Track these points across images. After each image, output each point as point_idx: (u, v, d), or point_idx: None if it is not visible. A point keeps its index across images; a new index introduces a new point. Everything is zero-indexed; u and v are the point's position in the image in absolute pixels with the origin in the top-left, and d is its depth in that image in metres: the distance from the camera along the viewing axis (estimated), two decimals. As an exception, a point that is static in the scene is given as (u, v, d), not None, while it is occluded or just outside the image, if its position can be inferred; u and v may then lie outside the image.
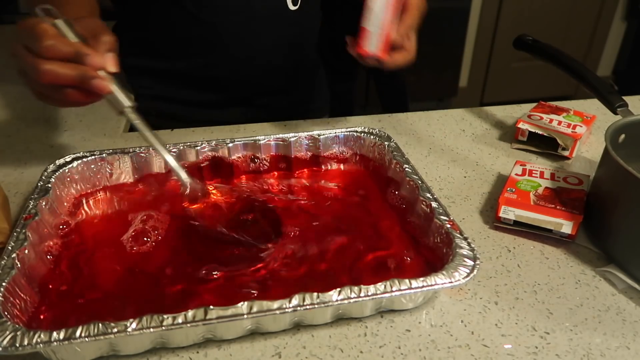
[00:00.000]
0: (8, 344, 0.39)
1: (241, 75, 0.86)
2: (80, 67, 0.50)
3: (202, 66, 0.84)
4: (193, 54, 0.83)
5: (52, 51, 0.49)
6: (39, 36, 0.49)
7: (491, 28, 2.77)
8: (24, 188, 0.66)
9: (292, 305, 0.43)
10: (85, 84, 0.50)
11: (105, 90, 0.51)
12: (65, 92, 0.51)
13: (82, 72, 0.50)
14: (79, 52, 0.50)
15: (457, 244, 0.49)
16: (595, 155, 0.75)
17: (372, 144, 0.68)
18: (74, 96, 0.51)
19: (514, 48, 0.80)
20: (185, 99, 0.88)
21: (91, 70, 0.50)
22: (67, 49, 0.50)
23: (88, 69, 0.50)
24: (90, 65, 0.50)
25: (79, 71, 0.50)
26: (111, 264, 0.52)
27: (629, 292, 0.52)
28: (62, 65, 0.49)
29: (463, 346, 0.46)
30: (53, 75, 0.49)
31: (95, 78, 0.50)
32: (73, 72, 0.50)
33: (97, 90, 0.50)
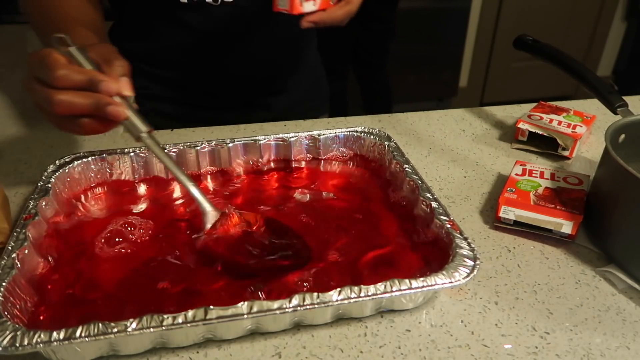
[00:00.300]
0: (8, 344, 0.39)
1: (240, 80, 0.86)
2: (94, 95, 0.49)
3: (201, 73, 0.84)
4: (192, 62, 0.83)
5: (65, 81, 0.48)
6: (50, 66, 0.48)
7: (491, 28, 2.77)
8: (24, 188, 0.66)
9: (292, 305, 0.43)
10: (100, 112, 0.49)
11: (121, 117, 0.50)
12: (80, 122, 0.50)
13: (96, 99, 0.48)
14: (92, 80, 0.49)
15: (457, 244, 0.49)
16: (595, 155, 0.75)
17: (372, 144, 0.68)
18: (90, 125, 0.50)
19: (514, 48, 0.80)
20: (184, 101, 0.88)
21: (106, 97, 0.49)
22: (80, 78, 0.49)
23: (102, 96, 0.49)
24: (105, 92, 0.49)
25: (93, 99, 0.48)
26: (111, 264, 0.52)
27: (629, 292, 0.52)
28: (76, 94, 0.48)
29: (463, 346, 0.46)
30: (67, 105, 0.48)
31: (111, 105, 0.49)
32: (87, 101, 0.48)
33: (113, 117, 0.49)
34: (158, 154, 0.53)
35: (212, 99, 0.88)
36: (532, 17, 2.75)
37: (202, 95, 0.87)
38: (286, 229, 0.57)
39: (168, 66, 0.85)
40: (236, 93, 0.87)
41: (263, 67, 0.86)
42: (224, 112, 0.89)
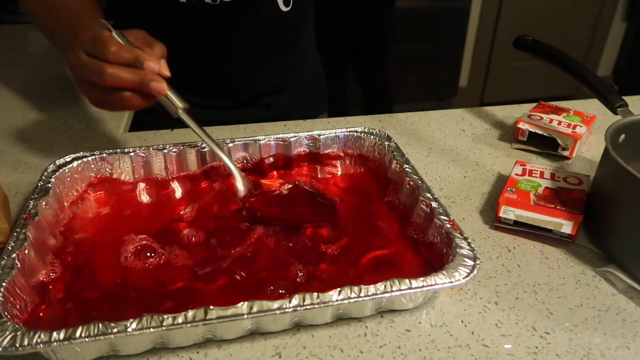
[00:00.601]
0: (8, 344, 0.39)
1: (240, 79, 0.86)
2: (139, 71, 0.54)
3: (201, 73, 0.84)
4: (191, 62, 0.83)
5: (116, 56, 0.53)
6: (104, 43, 0.53)
7: (491, 28, 2.77)
8: (24, 188, 0.66)
9: (292, 305, 0.43)
10: (144, 87, 0.54)
11: (163, 92, 0.55)
12: (124, 96, 0.54)
13: (141, 75, 0.54)
14: (138, 58, 0.54)
15: (457, 244, 0.49)
16: (595, 155, 0.75)
17: (372, 144, 0.68)
18: (132, 99, 0.55)
19: (514, 48, 0.80)
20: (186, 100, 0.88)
21: (149, 74, 0.54)
22: (128, 55, 0.54)
23: (146, 72, 0.54)
24: (149, 70, 0.54)
25: (139, 75, 0.53)
26: (111, 263, 0.52)
27: (629, 292, 0.52)
28: (125, 69, 0.53)
29: (463, 346, 0.46)
30: (117, 78, 0.53)
31: (154, 81, 0.54)
32: (134, 76, 0.53)
33: (155, 93, 0.54)
34: (195, 129, 0.59)
35: (212, 99, 0.88)
36: (532, 17, 2.75)
37: (201, 95, 0.87)
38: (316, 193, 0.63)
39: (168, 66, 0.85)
40: (236, 93, 0.87)
41: (262, 66, 0.86)
42: (224, 111, 0.89)
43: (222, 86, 0.86)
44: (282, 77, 0.90)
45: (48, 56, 1.09)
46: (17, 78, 0.96)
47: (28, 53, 1.14)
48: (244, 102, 0.89)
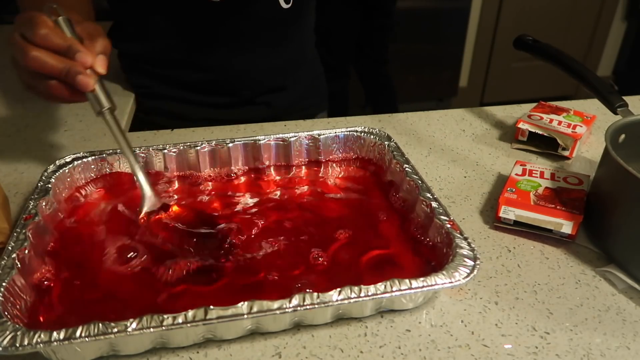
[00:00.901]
0: (8, 344, 0.39)
1: (241, 77, 0.86)
2: (68, 61, 0.51)
3: (200, 71, 0.84)
4: (190, 60, 0.83)
5: (44, 40, 0.50)
6: (35, 25, 0.50)
7: (491, 28, 2.77)
8: (24, 188, 0.66)
9: (292, 305, 0.43)
10: (69, 79, 0.51)
11: (88, 88, 0.52)
12: (49, 84, 0.52)
13: (68, 65, 0.50)
14: (71, 47, 0.51)
15: (457, 244, 0.49)
16: (596, 155, 0.75)
17: (372, 143, 0.68)
18: (57, 89, 0.52)
19: (514, 48, 0.80)
20: (186, 99, 0.88)
21: (78, 66, 0.51)
22: (59, 42, 0.51)
23: (75, 63, 0.51)
24: (80, 62, 0.51)
25: (65, 64, 0.50)
26: (111, 263, 0.52)
27: (629, 292, 0.52)
28: (51, 55, 0.50)
29: (463, 346, 0.46)
30: (40, 62, 0.50)
31: (80, 74, 0.51)
32: (60, 64, 0.50)
33: (80, 87, 0.51)
34: (114, 131, 0.54)
35: (213, 97, 0.88)
36: (532, 17, 2.75)
37: (202, 94, 0.87)
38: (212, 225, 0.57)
39: (169, 65, 0.85)
40: (237, 91, 0.88)
41: (263, 64, 0.86)
42: (225, 110, 0.89)
43: (223, 84, 0.86)
44: (282, 75, 0.90)
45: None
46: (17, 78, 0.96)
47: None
48: (245, 101, 0.89)
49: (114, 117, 0.54)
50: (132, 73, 0.90)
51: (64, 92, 0.53)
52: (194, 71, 0.84)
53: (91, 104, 0.53)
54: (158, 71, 0.86)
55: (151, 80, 0.87)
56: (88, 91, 0.52)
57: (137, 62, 0.88)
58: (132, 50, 0.87)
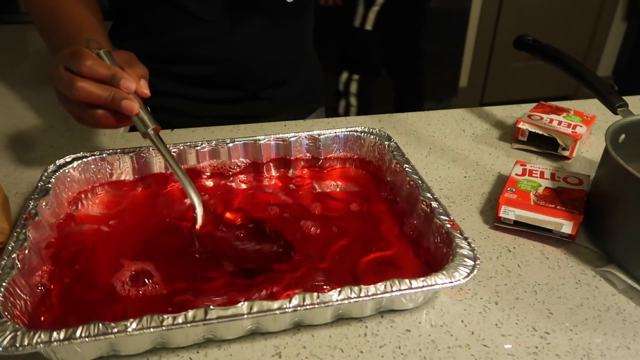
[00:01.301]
0: (8, 344, 0.39)
1: (244, 71, 0.86)
2: (112, 88, 0.53)
3: (205, 66, 0.85)
4: (195, 55, 0.84)
5: (90, 70, 0.53)
6: (80, 57, 0.53)
7: (491, 28, 2.77)
8: (24, 188, 0.66)
9: (292, 305, 0.43)
10: (115, 104, 0.53)
11: (133, 112, 0.54)
12: (95, 113, 0.54)
13: (113, 93, 0.53)
14: (115, 75, 0.53)
15: (457, 244, 0.49)
16: (596, 155, 0.75)
17: (372, 143, 0.68)
18: (104, 118, 0.55)
19: (514, 48, 0.80)
20: (190, 95, 0.88)
21: (122, 92, 0.53)
22: (104, 71, 0.53)
23: (119, 90, 0.53)
24: (124, 88, 0.54)
25: (110, 91, 0.53)
26: (111, 263, 0.52)
27: (629, 292, 0.52)
28: (97, 85, 0.53)
29: (463, 346, 0.46)
30: (86, 92, 0.52)
31: (125, 99, 0.53)
32: (105, 93, 0.53)
33: (126, 111, 0.53)
34: (162, 150, 0.56)
35: (218, 92, 0.88)
36: (532, 17, 2.75)
37: (207, 89, 0.88)
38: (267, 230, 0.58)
39: (173, 61, 0.85)
40: (242, 85, 0.88)
41: (267, 58, 0.87)
42: (229, 105, 0.90)
43: (228, 78, 0.87)
44: (285, 69, 0.91)
45: (48, 56, 1.08)
46: (17, 78, 0.96)
47: (28, 53, 1.14)
48: (249, 95, 0.89)
49: (159, 137, 0.56)
50: None
51: (111, 120, 0.55)
52: (198, 66, 0.85)
53: (137, 126, 0.56)
54: (162, 68, 0.86)
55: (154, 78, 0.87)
56: (133, 115, 0.54)
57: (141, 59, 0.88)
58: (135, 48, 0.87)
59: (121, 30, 0.88)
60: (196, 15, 0.79)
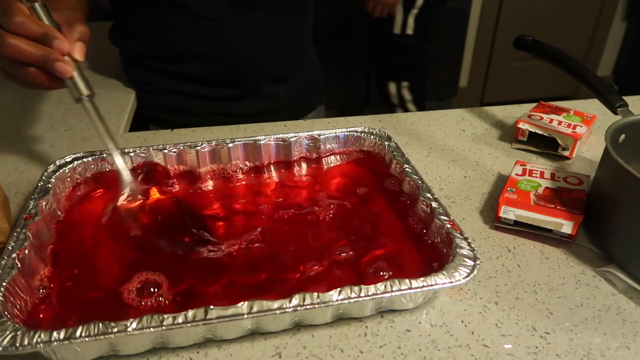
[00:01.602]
0: (8, 344, 0.39)
1: (245, 69, 0.86)
2: (45, 48, 0.50)
3: (206, 64, 0.85)
4: (197, 53, 0.84)
5: (21, 28, 0.50)
6: (10, 13, 0.50)
7: (491, 28, 2.77)
8: (24, 188, 0.66)
9: (292, 305, 0.43)
10: (47, 66, 0.51)
11: (66, 74, 0.52)
12: (27, 71, 0.52)
13: (46, 52, 0.50)
14: (47, 34, 0.51)
15: (457, 244, 0.49)
16: (596, 155, 0.75)
17: (372, 143, 0.68)
18: (36, 76, 0.52)
19: (514, 48, 0.80)
20: (191, 93, 0.89)
21: (56, 53, 0.51)
22: (36, 29, 0.50)
23: (53, 51, 0.50)
24: (57, 49, 0.51)
25: (43, 51, 0.50)
26: (111, 263, 0.52)
27: (629, 292, 0.52)
28: (28, 42, 0.50)
29: (463, 346, 0.46)
30: (17, 50, 0.50)
31: (59, 61, 0.51)
32: (37, 52, 0.50)
33: (59, 73, 0.51)
34: (93, 118, 0.55)
35: (219, 90, 0.88)
36: (532, 17, 2.75)
37: (208, 87, 0.88)
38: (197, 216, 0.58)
39: (175, 59, 0.85)
40: (242, 82, 0.88)
41: (267, 55, 0.87)
42: (230, 102, 0.90)
43: (229, 75, 0.87)
44: (284, 66, 0.91)
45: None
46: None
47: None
48: (250, 93, 0.90)
49: (93, 104, 0.54)
50: (135, 70, 0.90)
51: (43, 79, 0.53)
52: (198, 64, 0.85)
53: (70, 91, 0.53)
54: (163, 66, 0.86)
55: (155, 76, 0.88)
56: (67, 78, 0.52)
57: (140, 58, 0.88)
58: (136, 47, 0.87)
59: (122, 30, 0.88)
60: (196, 13, 0.79)
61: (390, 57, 1.94)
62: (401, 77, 1.95)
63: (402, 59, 1.93)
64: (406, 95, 1.96)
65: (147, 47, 0.86)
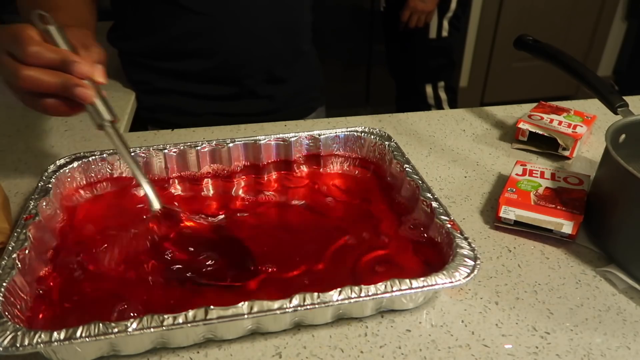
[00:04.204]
0: (9, 344, 0.39)
1: (240, 65, 0.86)
2: (63, 74, 0.48)
3: (200, 59, 0.85)
4: (192, 49, 0.84)
5: (36, 58, 0.47)
6: (23, 42, 0.47)
7: (491, 28, 2.77)
8: (25, 188, 0.66)
9: (292, 305, 0.43)
10: (68, 92, 0.48)
11: (87, 100, 0.49)
12: (45, 102, 0.49)
13: (65, 79, 0.48)
14: (65, 60, 0.48)
15: (457, 244, 0.49)
16: (596, 155, 0.75)
17: (372, 143, 0.68)
18: (56, 106, 0.50)
19: (514, 48, 0.80)
20: (189, 91, 0.89)
21: (75, 78, 0.48)
22: (52, 56, 0.48)
23: (71, 77, 0.48)
24: (77, 74, 0.48)
25: (61, 79, 0.48)
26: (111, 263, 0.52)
27: (629, 292, 0.52)
28: (45, 72, 0.48)
29: (463, 346, 0.46)
30: (34, 81, 0.47)
31: (79, 86, 0.48)
32: (55, 80, 0.48)
33: (79, 99, 0.49)
34: (117, 145, 0.52)
35: (216, 88, 0.88)
36: (532, 17, 2.74)
37: (205, 84, 0.88)
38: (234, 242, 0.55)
39: (172, 57, 0.85)
40: (239, 80, 0.88)
41: (263, 52, 0.87)
42: (228, 102, 0.90)
43: (224, 72, 0.87)
44: (281, 65, 0.91)
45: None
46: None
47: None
48: (247, 92, 0.90)
49: (116, 130, 0.52)
50: (134, 70, 0.91)
51: (64, 108, 0.50)
52: (194, 60, 0.85)
53: (91, 116, 0.51)
54: (159, 64, 0.87)
55: (154, 75, 0.88)
56: (88, 103, 0.50)
57: (137, 58, 0.88)
58: (133, 47, 0.88)
59: (119, 31, 0.89)
60: (189, 8, 0.79)
61: (429, 61, 1.94)
62: (439, 77, 1.95)
63: (440, 60, 1.94)
64: (442, 96, 1.97)
65: (143, 45, 0.86)
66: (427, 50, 1.92)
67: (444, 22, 1.85)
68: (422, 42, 1.89)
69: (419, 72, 1.97)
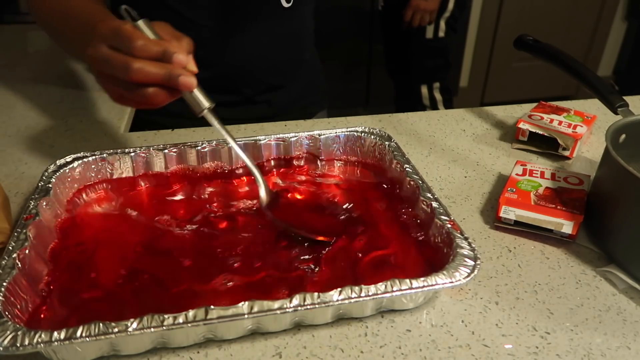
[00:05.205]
0: (9, 344, 0.39)
1: (240, 75, 0.86)
2: (167, 65, 0.51)
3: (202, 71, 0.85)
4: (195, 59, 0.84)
5: (142, 50, 0.50)
6: (129, 37, 0.50)
7: (491, 28, 2.77)
8: (25, 188, 0.66)
9: (292, 305, 0.43)
10: (172, 82, 0.51)
11: (192, 87, 0.52)
12: (148, 92, 0.52)
13: (169, 69, 0.51)
14: (167, 51, 0.51)
15: (457, 244, 0.49)
16: (596, 155, 0.75)
17: (372, 143, 0.68)
18: (158, 95, 0.52)
19: (514, 48, 0.80)
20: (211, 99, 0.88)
21: (178, 68, 0.51)
22: (156, 48, 0.51)
23: (175, 67, 0.51)
24: (177, 63, 0.51)
25: (167, 69, 0.51)
26: (112, 263, 0.52)
27: (629, 292, 0.52)
28: (152, 63, 0.50)
29: (464, 346, 0.46)
30: (144, 73, 0.50)
31: (182, 75, 0.51)
32: (162, 70, 0.51)
33: (184, 87, 0.52)
34: (219, 129, 0.56)
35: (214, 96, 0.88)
36: (533, 17, 2.74)
37: None
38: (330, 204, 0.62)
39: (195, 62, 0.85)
40: (239, 88, 0.88)
41: (263, 62, 0.86)
42: (226, 108, 0.89)
43: (223, 81, 0.86)
44: (281, 73, 0.91)
45: (48, 56, 1.09)
46: (17, 78, 0.96)
47: (28, 53, 1.14)
48: (246, 99, 0.89)
49: (214, 115, 0.55)
50: None
51: (165, 96, 0.53)
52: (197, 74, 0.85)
53: (190, 105, 0.54)
54: None
55: None
56: (191, 91, 0.53)
57: None
58: None
59: None
60: (190, 19, 0.79)
61: (425, 61, 1.94)
62: (434, 78, 1.96)
63: (436, 61, 1.94)
64: (438, 96, 1.97)
65: None
66: (424, 50, 1.92)
67: (441, 23, 1.85)
68: (419, 42, 1.89)
69: (415, 72, 1.97)
